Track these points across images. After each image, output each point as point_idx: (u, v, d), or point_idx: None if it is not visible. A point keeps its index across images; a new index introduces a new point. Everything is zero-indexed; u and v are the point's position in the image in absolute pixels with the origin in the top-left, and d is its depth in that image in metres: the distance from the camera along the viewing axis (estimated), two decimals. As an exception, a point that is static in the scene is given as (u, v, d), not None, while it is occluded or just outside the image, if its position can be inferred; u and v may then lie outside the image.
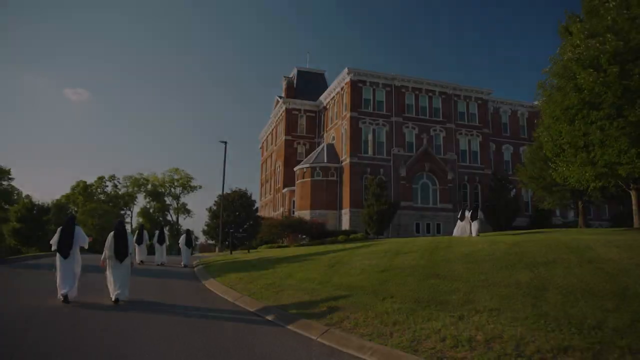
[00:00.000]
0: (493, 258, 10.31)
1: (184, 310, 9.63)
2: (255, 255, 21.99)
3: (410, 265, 11.00)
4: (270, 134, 63.18)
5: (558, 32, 21.39)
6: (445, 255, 11.44)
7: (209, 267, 18.22)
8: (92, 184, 74.06)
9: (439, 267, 10.43)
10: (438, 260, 11.08)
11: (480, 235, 21.24)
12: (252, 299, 10.76)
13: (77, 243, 10.60)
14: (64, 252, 10.31)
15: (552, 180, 32.50)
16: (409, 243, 15.06)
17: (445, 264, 10.64)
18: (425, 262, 11.13)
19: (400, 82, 46.90)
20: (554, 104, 16.79)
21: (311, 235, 42.11)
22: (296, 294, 10.46)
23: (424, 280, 9.76)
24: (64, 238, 10.38)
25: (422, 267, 10.68)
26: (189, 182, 77.97)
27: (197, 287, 13.66)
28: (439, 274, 9.98)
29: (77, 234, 10.62)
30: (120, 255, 10.58)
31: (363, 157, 45.14)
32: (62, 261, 10.32)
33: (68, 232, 10.47)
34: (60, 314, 9.20)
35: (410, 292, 9.20)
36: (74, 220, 11.10)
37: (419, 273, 10.29)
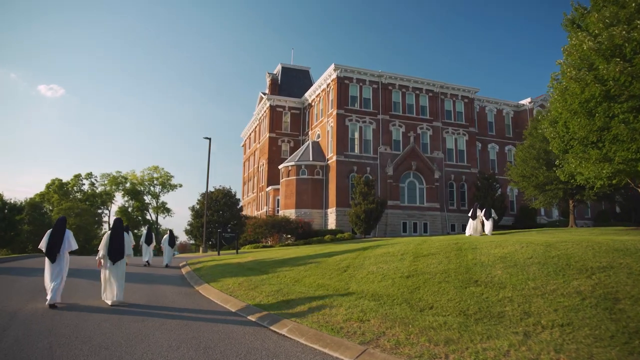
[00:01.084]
0: (536, 262, 8.99)
1: (181, 324, 8.07)
2: (247, 256, 20.34)
3: (440, 270, 9.61)
4: (253, 131, 61.42)
5: (562, 24, 20.41)
6: (476, 258, 10.09)
7: (199, 270, 16.58)
8: (68, 182, 71.15)
9: (475, 272, 9.07)
10: (469, 263, 9.72)
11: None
12: (259, 309, 9.26)
13: (66, 247, 9.95)
14: (51, 256, 9.70)
15: (544, 179, 31.82)
16: (423, 243, 13.69)
17: (480, 268, 9.28)
18: (455, 266, 9.76)
19: (387, 79, 45.74)
20: (572, 97, 15.63)
21: (297, 235, 40.67)
22: (312, 303, 8.99)
23: (462, 287, 8.38)
24: (53, 241, 9.76)
25: (455, 272, 9.30)
26: (169, 180, 75.61)
27: (191, 293, 12.05)
28: (478, 280, 8.61)
29: (66, 238, 9.96)
30: (113, 256, 9.99)
31: (349, 155, 43.86)
32: (50, 265, 9.69)
33: (58, 236, 9.84)
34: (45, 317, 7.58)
35: (451, 302, 7.82)
36: (65, 222, 10.30)
37: (453, 279, 8.91)
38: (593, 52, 14.28)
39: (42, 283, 10.18)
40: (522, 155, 33.70)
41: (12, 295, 10.88)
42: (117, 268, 10.00)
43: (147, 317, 8.57)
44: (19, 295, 10.71)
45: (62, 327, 7.62)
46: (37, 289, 11.59)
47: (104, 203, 73.53)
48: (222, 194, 40.96)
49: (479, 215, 23.52)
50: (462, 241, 13.20)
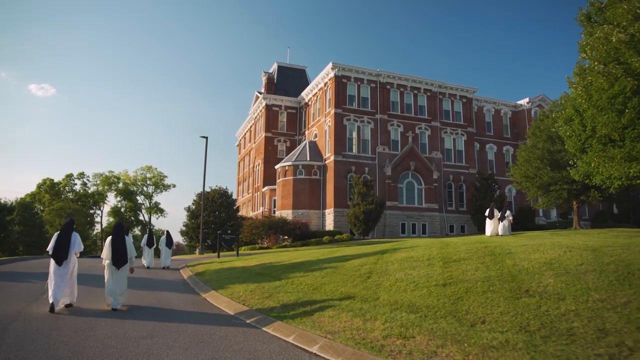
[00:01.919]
0: (590, 269, 8.01)
1: (196, 342, 6.99)
2: (250, 260, 19.18)
3: (480, 278, 8.60)
4: (248, 130, 60.22)
5: (577, 19, 19.62)
6: (517, 264, 9.10)
7: (202, 275, 15.45)
8: (59, 182, 69.42)
9: (523, 281, 8.07)
10: (513, 270, 8.72)
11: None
12: (278, 320, 8.21)
13: (73, 249, 9.57)
14: (58, 259, 9.30)
15: (549, 179, 31.01)
16: (447, 247, 12.67)
17: (526, 275, 8.29)
18: (496, 273, 8.75)
19: (385, 78, 44.81)
20: (598, 92, 14.72)
21: (294, 236, 39.61)
22: (341, 315, 7.94)
23: (513, 298, 7.38)
24: (60, 244, 9.41)
25: (498, 280, 8.30)
26: (162, 180, 74.05)
27: (198, 302, 10.96)
28: (529, 290, 7.61)
29: (73, 240, 9.61)
30: (117, 262, 9.69)
31: (347, 155, 42.88)
32: (56, 268, 9.27)
33: (65, 238, 9.50)
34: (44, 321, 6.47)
35: (505, 315, 6.80)
36: (73, 225, 9.99)
37: (499, 288, 7.90)
38: (623, 45, 13.39)
39: (35, 290, 9.81)
40: (525, 155, 32.87)
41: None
42: (120, 273, 9.73)
43: (156, 332, 7.47)
44: (7, 305, 9.55)
45: (60, 347, 6.50)
46: (32, 296, 10.45)
47: (96, 203, 71.88)
48: (218, 194, 39.88)
49: (496, 214, 23.40)
50: (490, 244, 12.23)
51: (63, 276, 9.21)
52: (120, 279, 9.70)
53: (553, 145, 31.31)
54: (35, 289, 11.78)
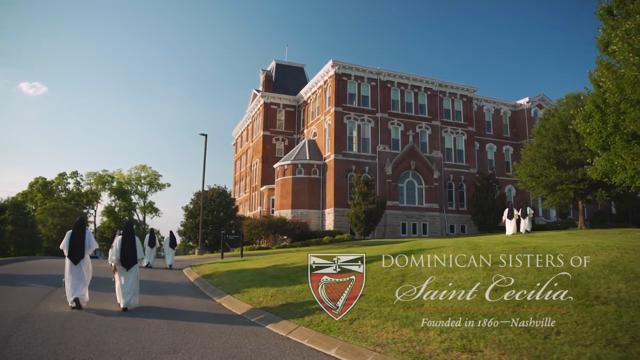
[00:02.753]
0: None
1: (227, 357, 6.04)
2: (258, 261, 18.13)
3: (534, 282, 7.67)
4: (245, 129, 59.14)
5: (596, 13, 18.96)
6: (572, 267, 8.22)
7: (210, 277, 14.43)
8: (52, 181, 67.85)
9: (587, 286, 7.17)
10: (570, 274, 7.85)
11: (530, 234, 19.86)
12: (315, 331, 7.28)
13: (88, 248, 9.57)
14: (74, 259, 9.28)
15: (555, 178, 30.34)
16: (478, 248, 11.77)
17: (589, 280, 7.41)
18: (551, 276, 7.82)
19: (385, 76, 43.95)
20: (631, 85, 13.93)
21: (294, 237, 38.66)
22: (386, 324, 7.02)
23: (584, 305, 6.48)
24: (75, 243, 9.35)
25: (558, 285, 7.39)
26: (157, 179, 72.70)
27: (214, 307, 9.99)
28: (599, 296, 6.70)
29: (87, 240, 9.58)
30: (127, 262, 9.54)
31: (348, 154, 41.97)
32: (72, 267, 9.25)
33: (79, 237, 9.44)
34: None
35: (581, 325, 5.90)
36: (84, 223, 9.92)
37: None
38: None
39: (35, 295, 9.30)
40: (530, 154, 32.18)
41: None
42: (130, 273, 9.55)
43: (178, 346, 6.50)
44: (6, 312, 8.52)
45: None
46: (32, 302, 9.43)
47: (90, 202, 70.40)
48: (217, 193, 38.82)
49: (515, 214, 23.59)
50: (527, 245, 11.36)
51: (80, 275, 9.21)
52: (130, 279, 9.50)
53: (559, 144, 30.68)
54: (35, 294, 10.75)
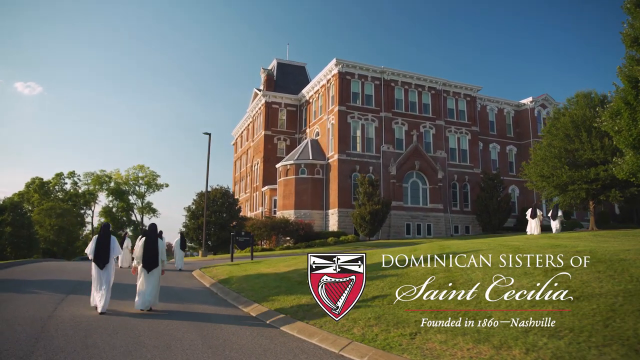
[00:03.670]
0: None
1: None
2: (276, 264, 17.05)
3: (615, 291, 6.79)
4: (245, 129, 58.11)
5: (623, 7, 18.28)
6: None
7: (228, 283, 13.45)
8: (49, 181, 66.40)
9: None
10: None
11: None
12: (372, 347, 6.39)
13: (113, 254, 9.63)
14: (100, 264, 9.33)
15: (567, 178, 29.57)
16: (520, 250, 10.90)
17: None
18: (631, 285, 7.02)
19: (389, 75, 43.12)
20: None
21: (297, 237, 37.75)
22: (456, 340, 6.11)
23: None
24: (100, 249, 9.43)
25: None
26: (155, 180, 71.38)
27: (243, 318, 9.07)
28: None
29: (112, 245, 9.61)
30: (149, 265, 9.50)
31: (351, 154, 41.12)
32: (98, 271, 9.30)
33: (105, 243, 9.52)
34: None
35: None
36: (110, 228, 9.98)
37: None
38: None
39: (44, 305, 9.12)
40: (541, 154, 31.40)
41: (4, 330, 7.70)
42: (152, 276, 9.49)
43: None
44: (16, 325, 7.55)
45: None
46: (43, 313, 8.47)
47: (87, 203, 68.97)
48: (219, 193, 37.80)
49: (538, 214, 23.00)
50: (573, 248, 10.50)
51: (106, 280, 9.19)
52: (151, 282, 9.45)
53: (570, 143, 29.96)
54: (46, 303, 9.76)
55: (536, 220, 22.61)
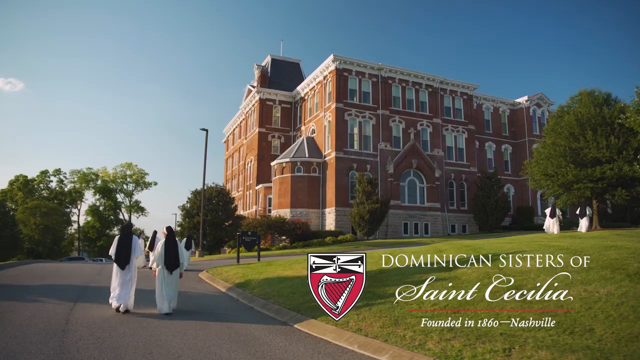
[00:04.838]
0: None
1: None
2: (292, 265, 15.93)
3: None
4: (238, 126, 56.66)
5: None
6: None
7: (248, 287, 12.16)
8: (33, 179, 64.10)
9: None
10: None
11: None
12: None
13: (134, 254, 9.46)
14: (122, 264, 9.22)
15: (573, 177, 28.91)
16: (574, 253, 9.92)
17: None
18: None
19: (387, 72, 42.18)
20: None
21: (294, 237, 36.62)
22: (541, 352, 5.09)
23: None
24: (122, 249, 9.28)
25: None
26: (143, 178, 69.46)
27: (290, 333, 7.93)
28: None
29: (134, 245, 9.41)
30: (170, 266, 9.39)
31: (349, 151, 40.07)
32: (120, 272, 9.20)
33: (127, 243, 9.32)
34: None
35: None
36: (132, 228, 9.95)
37: None
38: None
39: (55, 314, 8.51)
40: (546, 152, 30.70)
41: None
42: (173, 277, 9.41)
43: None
44: (22, 344, 6.31)
45: None
46: (53, 327, 7.23)
47: (73, 201, 66.74)
48: (215, 192, 36.45)
49: (558, 213, 22.79)
50: (626, 246, 9.60)
51: (127, 280, 9.11)
52: (172, 283, 9.36)
53: (575, 142, 29.32)
54: (54, 313, 8.49)
55: (555, 219, 21.96)
